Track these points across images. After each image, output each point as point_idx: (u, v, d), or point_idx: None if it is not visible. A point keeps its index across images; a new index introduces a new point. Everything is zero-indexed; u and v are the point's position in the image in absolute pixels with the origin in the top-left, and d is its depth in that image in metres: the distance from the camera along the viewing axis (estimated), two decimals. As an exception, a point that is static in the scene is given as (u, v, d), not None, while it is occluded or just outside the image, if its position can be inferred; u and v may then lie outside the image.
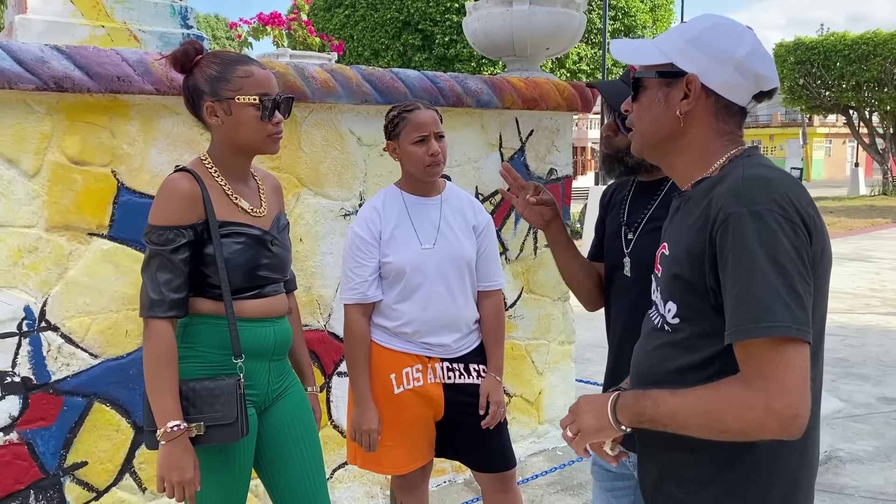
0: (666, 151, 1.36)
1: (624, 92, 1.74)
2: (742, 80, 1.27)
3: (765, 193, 1.15)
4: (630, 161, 1.79)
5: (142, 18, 2.99)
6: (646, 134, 1.37)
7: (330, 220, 3.05)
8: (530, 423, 3.80)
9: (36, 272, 2.41)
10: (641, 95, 1.37)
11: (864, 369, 5.59)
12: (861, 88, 24.36)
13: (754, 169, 1.22)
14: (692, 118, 1.31)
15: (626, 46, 1.39)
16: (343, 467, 3.14)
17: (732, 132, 1.32)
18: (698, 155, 1.32)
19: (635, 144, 1.41)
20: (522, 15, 3.66)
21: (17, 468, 2.41)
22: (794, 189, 1.19)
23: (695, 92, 1.28)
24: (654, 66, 1.33)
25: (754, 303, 1.12)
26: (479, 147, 3.51)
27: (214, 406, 1.77)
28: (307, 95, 2.86)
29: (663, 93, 1.32)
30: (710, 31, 1.29)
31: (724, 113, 1.31)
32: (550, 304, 3.82)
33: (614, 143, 1.83)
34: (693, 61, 1.28)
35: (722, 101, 1.29)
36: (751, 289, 1.12)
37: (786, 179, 1.20)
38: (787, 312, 1.10)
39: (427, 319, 2.24)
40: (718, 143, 1.31)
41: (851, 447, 4.00)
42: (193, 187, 1.78)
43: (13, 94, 2.33)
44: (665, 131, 1.33)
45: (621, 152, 1.80)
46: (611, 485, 1.91)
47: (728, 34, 1.29)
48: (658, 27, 22.02)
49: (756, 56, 1.27)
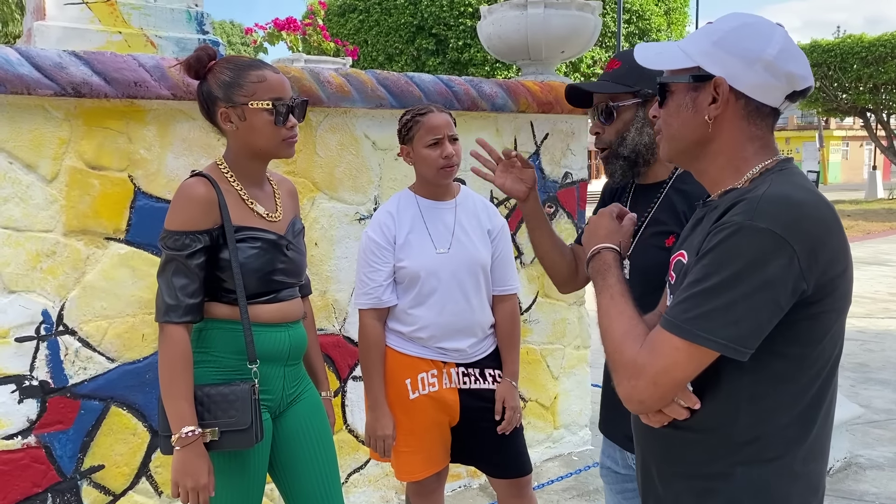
0: (696, 157, 1.32)
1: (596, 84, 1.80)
2: (773, 81, 1.22)
3: (776, 213, 1.12)
4: (624, 150, 1.77)
5: (158, 24, 3.02)
6: (673, 140, 1.33)
7: (345, 224, 3.05)
8: (546, 427, 3.78)
9: (54, 276, 2.43)
10: (668, 100, 1.32)
11: (884, 374, 5.52)
12: (879, 91, 24.10)
13: (781, 186, 1.17)
14: (721, 123, 1.26)
15: (650, 50, 1.36)
16: (358, 471, 3.14)
17: (764, 136, 1.27)
18: (729, 161, 1.28)
19: (664, 151, 1.37)
20: (537, 18, 3.65)
21: (35, 471, 2.43)
22: (813, 213, 1.15)
23: (723, 95, 1.24)
24: (680, 69, 1.29)
25: (700, 305, 1.13)
26: (493, 151, 3.50)
27: (229, 411, 1.76)
28: (322, 100, 2.87)
29: (691, 97, 1.28)
30: (737, 31, 1.24)
31: (756, 115, 1.25)
32: (566, 309, 3.80)
33: (604, 138, 1.81)
34: (720, 64, 1.23)
35: (753, 103, 1.24)
36: (708, 291, 1.13)
37: (808, 201, 1.16)
38: (727, 328, 1.12)
39: (442, 324, 2.23)
40: (750, 150, 1.26)
41: (871, 453, 3.95)
42: (209, 192, 1.78)
43: (32, 100, 2.35)
44: (694, 137, 1.29)
45: (613, 144, 1.79)
46: (621, 486, 1.92)
47: (756, 33, 1.23)
48: (673, 30, 21.92)
49: (787, 55, 1.22)
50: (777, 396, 1.19)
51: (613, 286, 1.34)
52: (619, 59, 1.81)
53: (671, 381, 1.18)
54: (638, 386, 1.19)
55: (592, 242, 1.48)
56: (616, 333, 1.25)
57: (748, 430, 1.20)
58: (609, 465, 1.95)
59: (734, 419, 1.21)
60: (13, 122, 2.34)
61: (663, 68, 1.32)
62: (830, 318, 1.18)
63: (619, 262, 1.42)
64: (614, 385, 1.24)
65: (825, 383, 1.21)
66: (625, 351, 1.22)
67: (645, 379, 1.18)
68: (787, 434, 1.20)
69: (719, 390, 1.21)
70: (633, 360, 1.20)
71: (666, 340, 1.16)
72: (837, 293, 1.17)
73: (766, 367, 1.18)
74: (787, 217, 1.12)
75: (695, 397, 1.23)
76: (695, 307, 1.14)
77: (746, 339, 1.12)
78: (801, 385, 1.19)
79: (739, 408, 1.20)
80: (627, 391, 1.21)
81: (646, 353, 1.19)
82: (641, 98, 1.75)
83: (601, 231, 1.49)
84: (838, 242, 1.17)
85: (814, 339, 1.18)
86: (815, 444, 1.23)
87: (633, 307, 1.29)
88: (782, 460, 1.20)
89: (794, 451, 1.20)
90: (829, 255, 1.14)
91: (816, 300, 1.15)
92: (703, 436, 1.24)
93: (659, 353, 1.17)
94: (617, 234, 1.49)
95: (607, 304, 1.31)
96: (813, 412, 1.21)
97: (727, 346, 1.13)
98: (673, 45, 1.33)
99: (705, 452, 1.24)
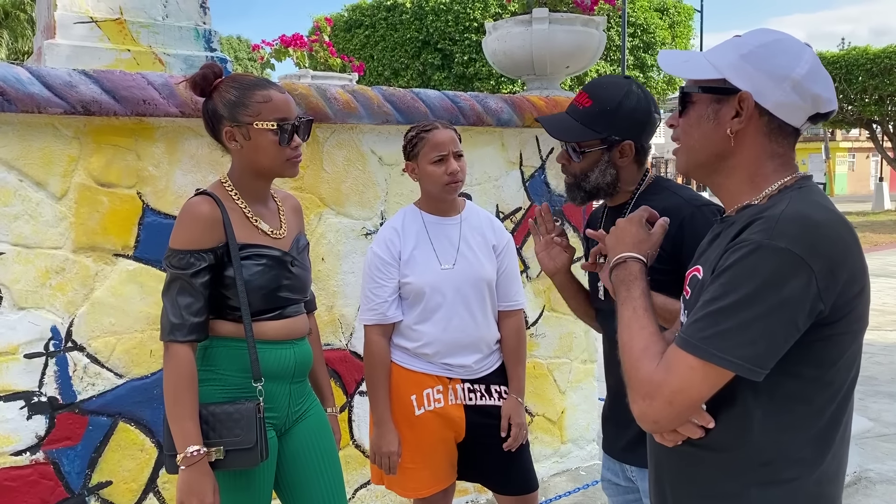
0: (714, 171, 1.29)
1: (568, 125, 1.82)
2: (799, 101, 1.20)
3: (795, 233, 1.11)
4: (587, 185, 1.83)
5: (166, 42, 3.05)
6: (692, 151, 1.30)
7: (351, 240, 3.07)
8: (553, 442, 3.77)
9: (63, 293, 2.45)
10: (689, 110, 1.29)
11: (893, 387, 5.48)
12: (884, 102, 24.09)
13: (799, 205, 1.16)
14: (743, 138, 1.23)
15: (676, 58, 1.33)
16: (364, 487, 3.13)
17: (785, 154, 1.24)
18: (748, 177, 1.25)
19: (680, 162, 1.34)
20: (542, 34, 3.67)
21: (43, 487, 2.44)
22: (832, 233, 1.14)
23: (748, 111, 1.21)
24: (705, 80, 1.26)
25: (716, 324, 1.12)
26: (499, 165, 3.52)
27: (234, 430, 1.76)
28: (329, 116, 2.89)
29: (713, 109, 1.25)
30: (768, 47, 1.21)
31: (778, 134, 1.23)
32: (572, 323, 3.79)
33: (570, 170, 1.86)
34: (748, 78, 1.20)
35: (776, 121, 1.22)
36: (724, 310, 1.12)
37: (827, 220, 1.15)
38: (742, 348, 1.10)
39: (447, 340, 2.23)
40: (770, 167, 1.24)
41: (881, 468, 3.92)
42: (214, 211, 1.79)
43: (42, 118, 2.37)
44: (713, 150, 1.26)
45: (577, 178, 1.84)
46: (623, 499, 1.93)
47: (786, 51, 1.21)
48: (677, 43, 21.96)
49: (815, 76, 1.20)
50: (791, 418, 1.18)
51: (637, 299, 1.30)
52: (591, 98, 1.80)
53: (687, 401, 1.16)
54: (653, 405, 1.17)
55: (619, 249, 1.42)
56: (635, 349, 1.23)
57: (762, 451, 1.19)
58: (609, 478, 1.96)
59: (748, 439, 1.20)
60: (23, 140, 2.37)
61: (690, 77, 1.29)
62: (845, 340, 1.17)
63: (645, 273, 1.37)
64: (629, 402, 1.22)
65: (841, 406, 1.20)
66: (641, 368, 1.20)
67: (660, 398, 1.16)
68: (802, 456, 1.18)
69: (734, 410, 1.20)
70: (650, 378, 1.18)
71: (681, 359, 1.15)
72: (853, 315, 1.16)
73: (780, 387, 1.17)
74: (805, 237, 1.11)
75: (709, 416, 1.21)
76: (711, 326, 1.12)
77: (762, 358, 1.11)
78: (815, 407, 1.18)
79: (753, 428, 1.19)
80: (642, 410, 1.19)
81: (662, 372, 1.17)
82: (608, 144, 1.78)
83: (628, 238, 1.43)
84: (856, 262, 1.16)
85: (828, 361, 1.17)
86: (831, 466, 1.21)
87: (655, 323, 1.27)
88: (797, 482, 1.19)
89: (809, 473, 1.19)
90: (846, 276, 1.13)
91: (832, 321, 1.13)
92: (716, 455, 1.23)
93: (674, 372, 1.15)
94: (645, 243, 1.42)
95: (629, 318, 1.28)
96: (829, 434, 1.19)
97: (742, 365, 1.11)
98: (699, 55, 1.30)
99: (719, 472, 1.23)
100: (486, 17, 18.01)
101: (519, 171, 3.59)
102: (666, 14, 21.71)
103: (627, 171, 1.83)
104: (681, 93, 1.31)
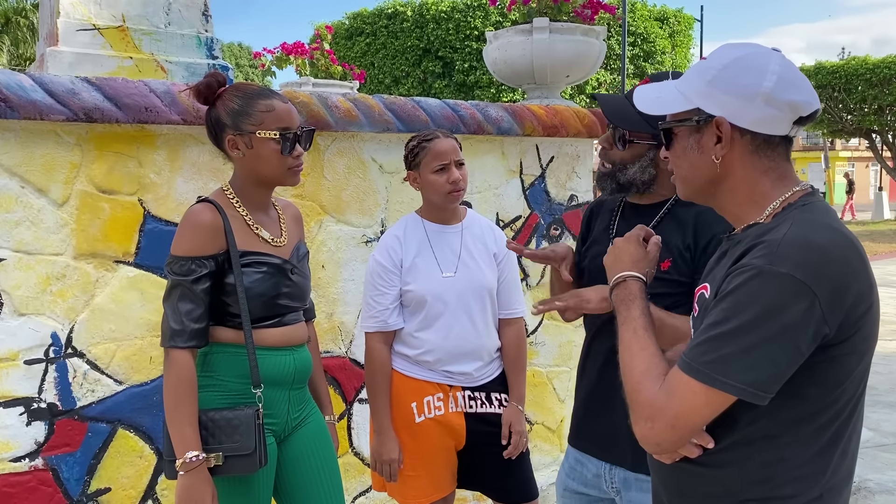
0: (712, 196, 1.29)
1: (625, 111, 1.74)
2: (776, 112, 1.18)
3: (797, 258, 1.10)
4: (622, 178, 1.79)
5: (168, 50, 3.06)
6: (686, 181, 1.30)
7: (352, 247, 3.07)
8: (552, 451, 3.76)
9: (63, 299, 2.45)
10: (674, 144, 1.30)
11: (893, 397, 5.48)
12: (884, 112, 24.14)
13: (803, 227, 1.14)
14: (730, 161, 1.23)
15: (650, 95, 1.32)
16: (363, 495, 3.13)
17: (779, 167, 1.23)
18: (747, 196, 1.24)
19: (680, 191, 1.34)
20: (542, 43, 3.69)
21: (42, 494, 2.43)
22: (836, 256, 1.12)
23: (726, 135, 1.21)
24: (681, 113, 1.26)
25: (718, 348, 1.11)
26: (499, 174, 3.52)
27: (233, 436, 1.77)
28: (330, 124, 2.90)
29: (694, 140, 1.25)
30: (730, 67, 1.20)
31: (765, 148, 1.22)
32: (572, 331, 3.79)
33: (610, 156, 1.81)
34: (718, 104, 1.20)
35: (760, 136, 1.21)
36: (726, 335, 1.11)
37: (831, 242, 1.13)
38: (745, 373, 1.10)
39: (448, 348, 2.23)
40: (767, 183, 1.23)
41: (881, 478, 3.91)
42: (215, 218, 1.81)
43: (44, 125, 2.38)
44: (705, 177, 1.26)
45: (615, 167, 1.79)
46: None
47: (750, 67, 1.19)
48: (677, 52, 22.04)
49: (785, 83, 1.17)
50: (793, 437, 1.17)
51: (637, 319, 1.30)
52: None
53: (689, 425, 1.16)
54: (655, 428, 1.17)
55: (617, 269, 1.42)
56: (636, 371, 1.22)
57: (762, 469, 1.18)
58: (574, 488, 1.92)
59: (748, 457, 1.19)
60: (25, 147, 2.37)
61: (664, 113, 1.29)
62: (851, 360, 1.16)
63: (644, 292, 1.37)
64: (630, 423, 1.22)
65: (845, 422, 1.19)
66: (642, 390, 1.19)
67: (662, 422, 1.16)
68: (803, 473, 1.18)
69: (734, 429, 1.20)
70: (651, 401, 1.18)
71: (684, 384, 1.14)
72: (860, 335, 1.15)
73: (783, 408, 1.16)
74: (808, 262, 1.10)
75: (709, 437, 1.21)
76: (713, 350, 1.12)
77: (765, 383, 1.11)
78: (818, 425, 1.17)
79: (753, 446, 1.19)
80: (644, 432, 1.19)
81: (664, 396, 1.16)
82: (657, 142, 1.73)
83: (627, 258, 1.43)
84: (863, 283, 1.15)
85: (834, 382, 1.16)
86: (832, 482, 1.20)
87: (655, 343, 1.26)
88: (796, 499, 1.18)
89: (809, 490, 1.18)
90: (852, 298, 1.12)
91: (838, 342, 1.13)
92: (716, 471, 1.23)
93: (677, 395, 1.15)
94: (644, 262, 1.43)
95: (629, 339, 1.28)
96: (830, 451, 1.18)
97: (745, 390, 1.11)
98: (671, 87, 1.30)
99: (718, 487, 1.23)
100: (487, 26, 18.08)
101: (519, 179, 3.60)
102: (666, 23, 21.78)
103: (667, 174, 1.79)
104: (661, 129, 1.31)
